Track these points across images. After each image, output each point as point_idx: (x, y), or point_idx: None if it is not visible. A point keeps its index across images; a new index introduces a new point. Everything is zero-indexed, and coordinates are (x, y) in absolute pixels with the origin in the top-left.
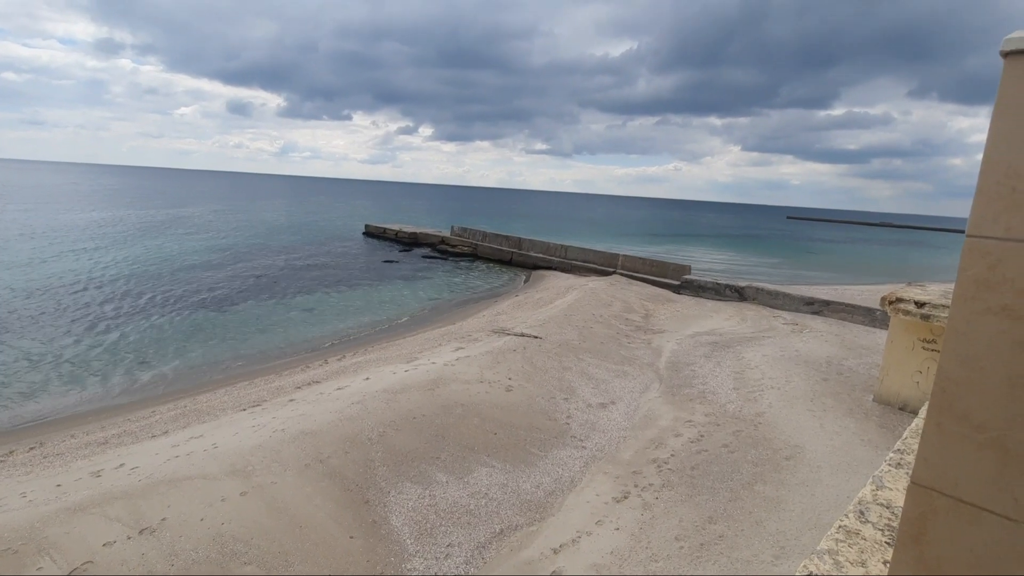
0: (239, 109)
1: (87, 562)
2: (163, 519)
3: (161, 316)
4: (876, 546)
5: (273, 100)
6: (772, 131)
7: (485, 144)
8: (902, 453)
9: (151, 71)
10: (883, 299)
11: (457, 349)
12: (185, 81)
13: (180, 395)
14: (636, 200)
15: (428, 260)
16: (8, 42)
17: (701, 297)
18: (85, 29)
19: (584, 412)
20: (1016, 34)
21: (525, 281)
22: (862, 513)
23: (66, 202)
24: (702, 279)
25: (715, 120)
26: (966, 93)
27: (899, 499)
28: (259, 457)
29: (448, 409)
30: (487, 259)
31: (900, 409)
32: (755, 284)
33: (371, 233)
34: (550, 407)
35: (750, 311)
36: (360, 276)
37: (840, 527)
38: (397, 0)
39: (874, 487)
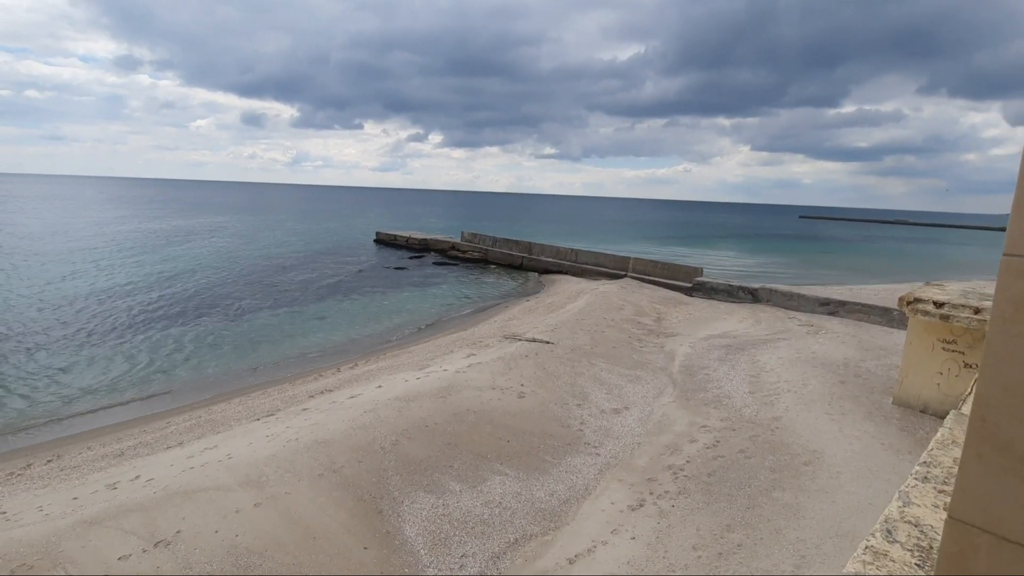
0: (253, 120)
1: None
2: (178, 531)
3: (175, 327)
4: (905, 568)
5: (286, 111)
6: (782, 130)
7: (494, 150)
8: (928, 466)
9: (168, 86)
10: (901, 299)
11: (469, 356)
12: (201, 94)
13: (195, 406)
14: (646, 202)
15: (439, 266)
16: (31, 61)
17: (714, 299)
18: (105, 47)
19: (598, 418)
20: None
21: (536, 286)
22: (889, 532)
23: (80, 212)
24: (714, 281)
25: (724, 121)
26: (975, 88)
27: (928, 516)
28: (273, 467)
29: (460, 417)
30: (498, 264)
31: (921, 412)
32: (768, 285)
33: (382, 240)
34: (563, 413)
35: (764, 313)
36: (371, 284)
37: (867, 547)
38: (407, 12)
39: (900, 504)
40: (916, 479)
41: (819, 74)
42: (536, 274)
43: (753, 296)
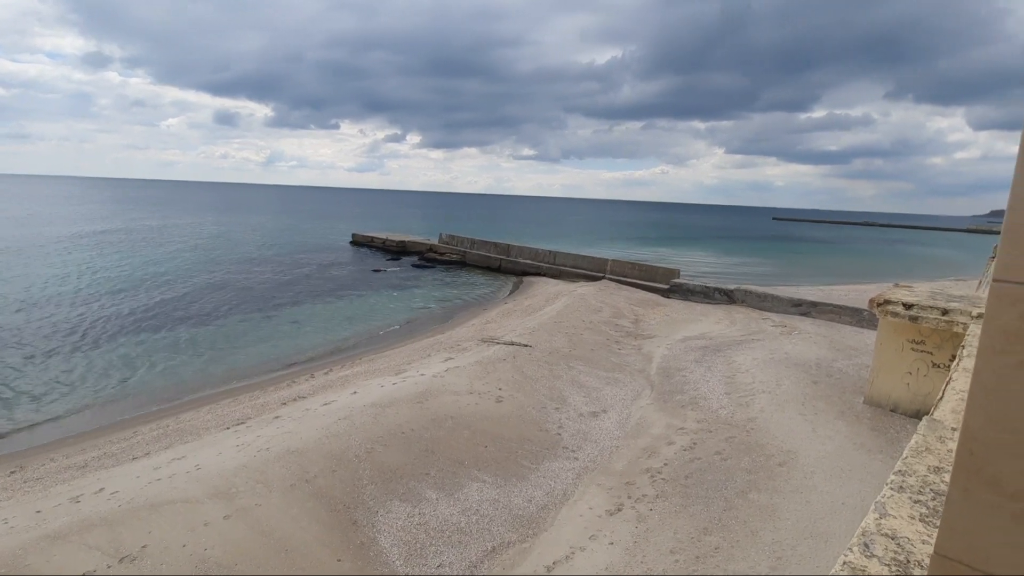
0: (226, 120)
1: None
2: (144, 546)
3: (141, 332)
4: None
5: (260, 110)
6: (755, 134)
7: (472, 151)
8: (903, 475)
9: (139, 83)
10: (871, 301)
11: (446, 359)
12: (172, 93)
13: (162, 414)
14: (624, 204)
15: (416, 269)
16: None
17: (690, 301)
18: (74, 43)
19: (576, 421)
20: None
21: (514, 288)
22: (867, 546)
23: (43, 212)
24: (691, 283)
25: (699, 124)
26: (940, 94)
27: (904, 528)
28: (243, 478)
29: (438, 422)
30: (476, 266)
31: (891, 411)
32: (743, 286)
33: (358, 242)
34: (541, 417)
35: (739, 314)
36: (347, 286)
37: (845, 563)
38: (386, 12)
39: (877, 515)
40: (892, 489)
41: (791, 79)
42: (514, 276)
43: (728, 297)
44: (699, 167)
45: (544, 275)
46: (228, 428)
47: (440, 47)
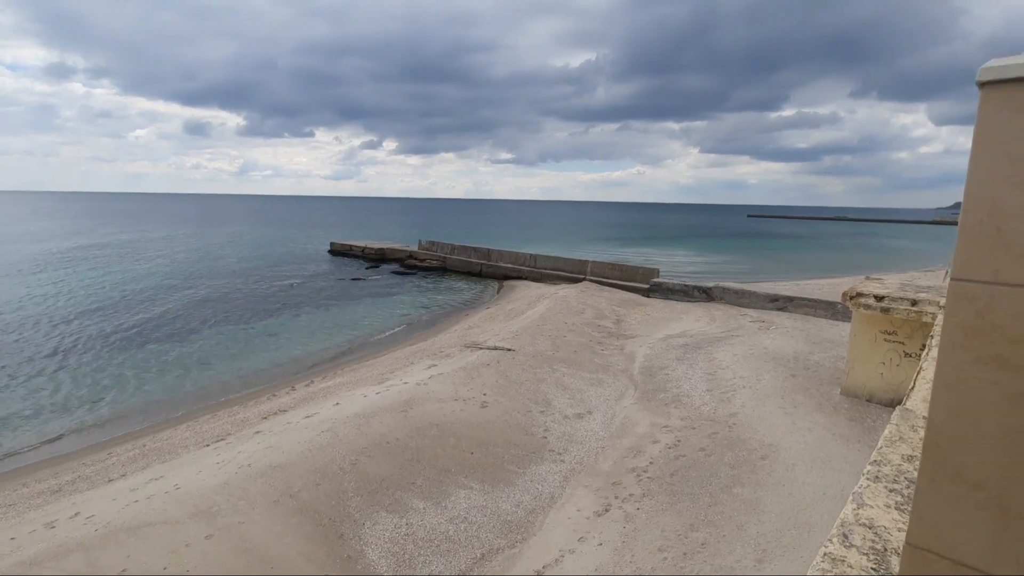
0: (197, 130)
1: None
2: (123, 570)
3: (115, 349)
4: (863, 572)
5: (232, 119)
6: (728, 133)
7: (450, 156)
8: (879, 465)
9: (104, 94)
10: (844, 294)
11: (430, 367)
12: (140, 103)
13: (139, 434)
14: (602, 204)
15: (396, 276)
16: None
17: (671, 299)
18: (35, 54)
19: (561, 424)
20: (992, 62)
21: (496, 292)
22: (846, 536)
23: (6, 229)
24: (670, 281)
25: (673, 125)
26: (902, 91)
27: (881, 517)
28: (224, 496)
29: (422, 431)
30: (457, 272)
31: (867, 401)
32: (722, 284)
33: (337, 251)
34: (527, 421)
35: (718, 311)
36: (326, 296)
37: (826, 554)
38: (359, 18)
39: (855, 505)
40: (868, 479)
41: (760, 79)
42: (496, 281)
43: (707, 295)
44: (675, 167)
45: (525, 278)
46: (208, 445)
47: (414, 53)
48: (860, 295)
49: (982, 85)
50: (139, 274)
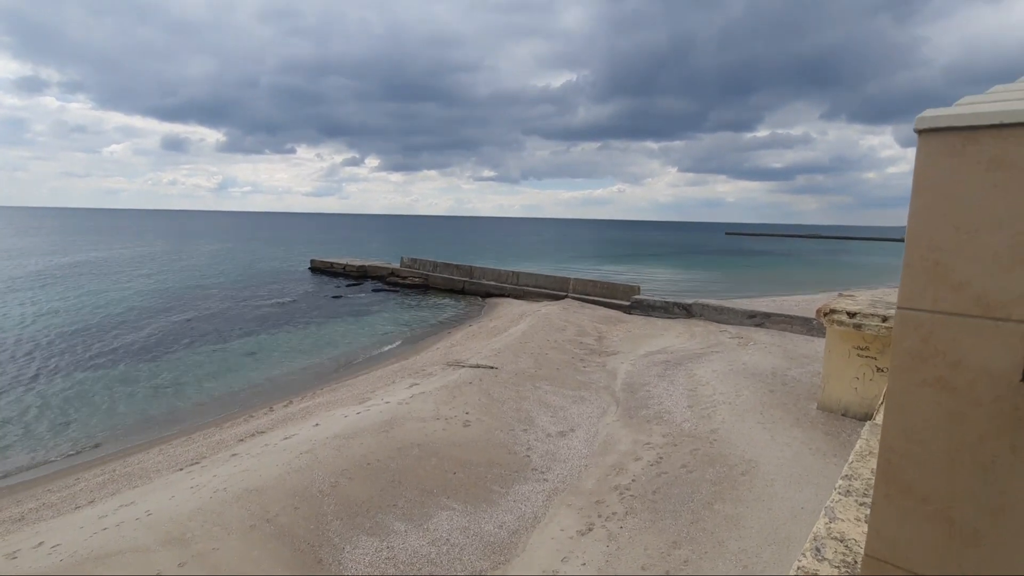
0: (175, 145)
1: None
2: None
3: (86, 370)
4: None
5: (212, 135)
6: (705, 153)
7: (432, 173)
8: (850, 479)
9: (79, 108)
10: (818, 311)
11: (412, 385)
12: (116, 118)
13: (108, 458)
14: (583, 222)
15: (378, 293)
16: None
17: (651, 316)
18: (6, 66)
19: (544, 442)
20: (928, 112)
21: (478, 310)
22: (818, 550)
23: None
24: (651, 298)
25: (652, 144)
26: (869, 115)
27: (851, 531)
28: (198, 522)
29: (404, 451)
30: (439, 289)
31: (842, 415)
32: (701, 300)
33: (317, 268)
34: (509, 440)
35: (698, 327)
36: (306, 314)
37: (799, 567)
38: (341, 37)
39: (827, 519)
40: (839, 493)
41: (735, 101)
42: (478, 298)
43: (687, 311)
44: (654, 185)
45: (508, 296)
46: (181, 469)
47: (396, 72)
48: (833, 311)
49: (920, 132)
50: (113, 293)
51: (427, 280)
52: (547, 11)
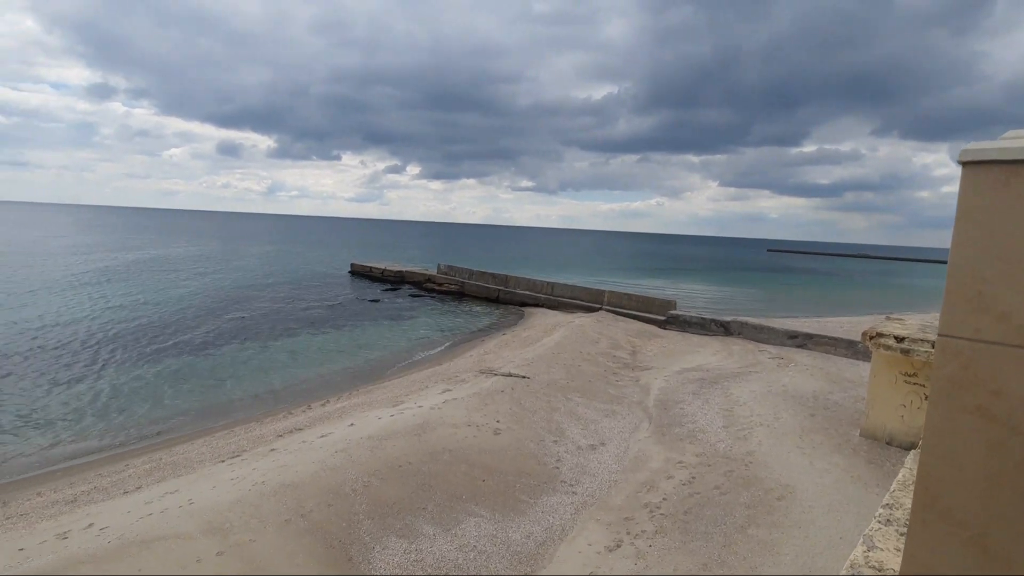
0: (229, 150)
1: None
2: None
3: (137, 363)
4: None
5: (264, 142)
6: (748, 167)
7: (471, 182)
8: (891, 508)
9: (143, 114)
10: (864, 334)
11: (444, 391)
12: (176, 124)
13: (156, 447)
14: (620, 234)
15: (414, 299)
16: None
17: (687, 332)
18: (80, 74)
19: (574, 455)
20: (972, 145)
21: (512, 319)
22: None
23: (46, 241)
24: (687, 314)
25: (693, 158)
26: (924, 131)
27: (890, 560)
28: (237, 513)
29: (435, 456)
30: (474, 297)
31: (887, 444)
32: (740, 318)
33: (357, 272)
34: (539, 450)
35: (736, 345)
36: (345, 317)
37: None
38: (388, 49)
39: (865, 548)
40: (879, 522)
41: (781, 115)
42: (513, 307)
43: (725, 329)
44: (694, 199)
45: (542, 306)
46: (223, 461)
47: (439, 82)
48: (880, 335)
49: (964, 164)
50: (171, 291)
51: (463, 287)
52: (590, 23)
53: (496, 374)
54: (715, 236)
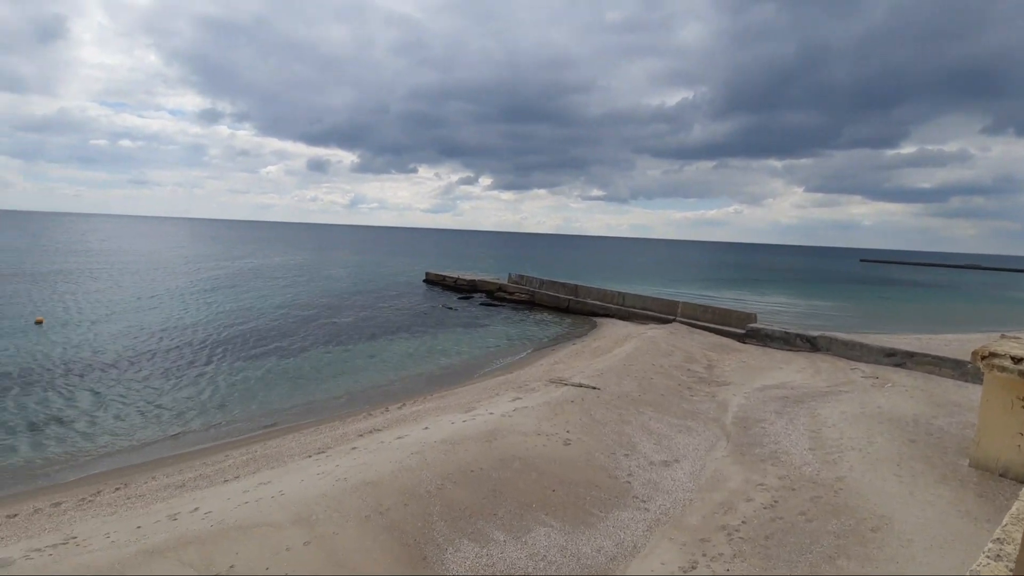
0: (317, 166)
1: None
2: (232, 566)
3: (235, 362)
4: None
5: (348, 157)
6: (837, 171)
7: (542, 192)
8: (1001, 543)
9: (245, 135)
10: (974, 354)
11: (514, 399)
12: (273, 143)
13: (251, 440)
14: (695, 244)
15: (486, 308)
16: (127, 114)
17: (769, 347)
18: (192, 101)
19: (646, 470)
20: None
21: (582, 329)
22: None
23: (164, 251)
24: (769, 327)
25: (775, 162)
26: None
27: None
28: (322, 506)
29: (506, 463)
30: (544, 306)
31: (1000, 476)
32: (828, 333)
33: (431, 280)
34: (610, 463)
35: (824, 363)
36: (420, 323)
37: None
38: (464, 65)
39: None
40: (988, 557)
41: (874, 115)
42: (583, 317)
43: (812, 344)
44: (776, 206)
45: (612, 316)
46: (310, 456)
47: (512, 95)
48: (994, 355)
49: None
50: (267, 296)
51: (533, 297)
52: (664, 28)
53: (566, 384)
54: (800, 245)
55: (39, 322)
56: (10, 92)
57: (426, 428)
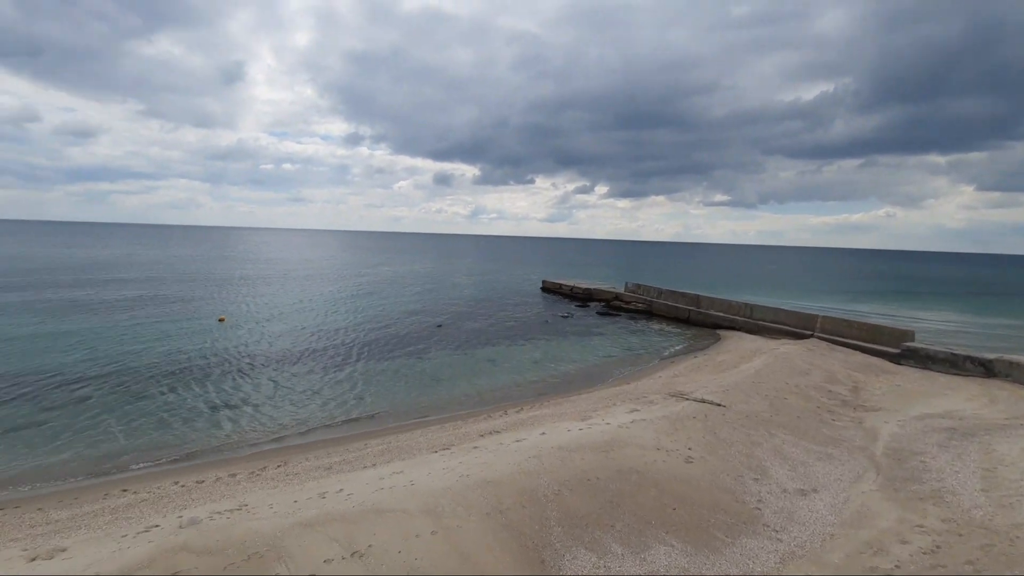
0: (443, 180)
1: (311, 575)
2: (370, 545)
3: (374, 362)
4: None
5: (470, 171)
6: (1019, 166)
7: (660, 199)
8: None
9: (381, 155)
10: None
11: (632, 411)
12: (404, 161)
13: (386, 432)
14: (835, 251)
15: (602, 317)
16: (288, 141)
17: (930, 370)
18: (339, 127)
19: (779, 498)
20: None
21: (704, 342)
22: None
23: (324, 260)
24: (930, 347)
25: (937, 158)
26: None
27: None
28: (448, 499)
29: (623, 475)
30: (662, 316)
31: None
32: (1007, 357)
33: (548, 288)
34: (737, 487)
35: (1002, 391)
36: (537, 330)
37: None
38: (581, 75)
39: None
40: None
41: None
42: (705, 329)
43: (986, 369)
44: (938, 208)
45: (738, 329)
46: (436, 451)
47: (629, 101)
48: None
49: None
50: (403, 303)
51: (650, 306)
52: (799, 18)
53: (687, 398)
54: (969, 252)
55: (221, 320)
56: (203, 127)
57: (543, 433)
